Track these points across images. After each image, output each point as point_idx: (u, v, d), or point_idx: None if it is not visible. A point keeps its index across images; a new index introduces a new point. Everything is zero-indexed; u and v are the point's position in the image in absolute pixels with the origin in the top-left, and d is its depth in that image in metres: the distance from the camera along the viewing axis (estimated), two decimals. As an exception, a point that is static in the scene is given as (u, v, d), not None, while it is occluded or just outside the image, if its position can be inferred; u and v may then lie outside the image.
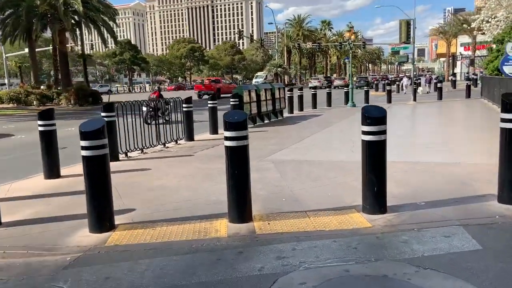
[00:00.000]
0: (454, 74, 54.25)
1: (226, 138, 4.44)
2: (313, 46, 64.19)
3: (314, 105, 20.11)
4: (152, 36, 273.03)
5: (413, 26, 20.60)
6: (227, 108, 13.53)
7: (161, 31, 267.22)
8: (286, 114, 17.19)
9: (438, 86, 23.37)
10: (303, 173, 6.40)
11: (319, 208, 4.67)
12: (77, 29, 26.81)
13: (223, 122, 4.43)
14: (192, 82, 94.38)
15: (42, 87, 29.18)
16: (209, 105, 12.00)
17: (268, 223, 4.26)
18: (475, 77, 37.30)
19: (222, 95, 31.80)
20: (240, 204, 4.40)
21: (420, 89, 27.42)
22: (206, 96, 30.54)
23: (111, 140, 6.91)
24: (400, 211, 4.46)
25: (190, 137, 10.62)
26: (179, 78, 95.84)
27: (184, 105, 10.50)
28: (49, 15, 24.19)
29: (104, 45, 30.11)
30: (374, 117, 4.42)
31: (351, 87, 20.82)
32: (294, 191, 5.42)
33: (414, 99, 21.85)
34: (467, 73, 55.27)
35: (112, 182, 4.39)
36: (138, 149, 8.79)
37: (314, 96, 20.23)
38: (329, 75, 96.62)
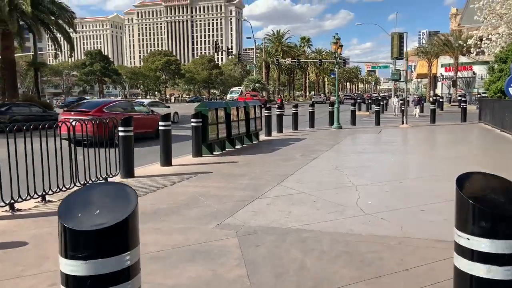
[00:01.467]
0: (436, 95, 53.23)
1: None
2: (292, 62, 62.38)
3: (296, 126, 17.46)
4: (130, 48, 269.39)
5: (405, 41, 18.47)
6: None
7: (139, 44, 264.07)
8: (262, 136, 14.45)
9: (431, 108, 21.21)
10: (291, 270, 3.51)
11: None
12: (31, 34, 23.54)
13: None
14: (169, 96, 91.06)
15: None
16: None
17: None
18: (463, 98, 36.12)
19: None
20: None
21: (416, 111, 24.90)
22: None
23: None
24: None
25: (128, 172, 7.67)
26: (156, 92, 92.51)
27: (121, 128, 7.57)
28: (-8, 16, 20.92)
29: (60, 53, 26.80)
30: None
31: (336, 106, 18.31)
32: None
33: (405, 122, 19.55)
34: (449, 94, 54.36)
35: None
36: (38, 195, 5.80)
37: (295, 116, 17.60)
38: (307, 92, 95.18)
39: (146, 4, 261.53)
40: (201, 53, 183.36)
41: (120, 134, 7.54)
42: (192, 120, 10.14)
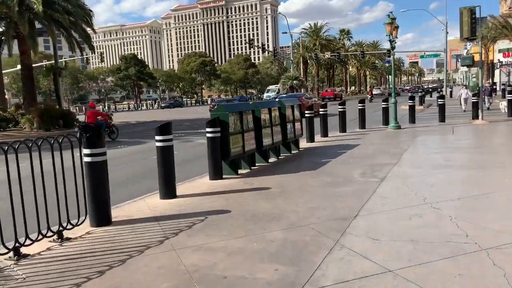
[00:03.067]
0: (494, 83, 47.82)
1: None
2: (332, 56, 58.66)
3: (343, 127, 14.35)
4: (168, 52, 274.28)
5: (479, 16, 14.87)
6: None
7: (177, 48, 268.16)
8: (303, 143, 11.51)
9: (508, 98, 17.35)
10: None
11: None
12: (48, 35, 21.73)
13: None
14: (207, 98, 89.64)
15: (12, 108, 24.40)
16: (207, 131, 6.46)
17: None
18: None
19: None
20: None
21: (503, 104, 17.93)
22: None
23: None
24: None
25: (98, 219, 5.03)
26: (193, 94, 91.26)
27: (85, 151, 4.92)
28: (7, 19, 19.34)
29: (80, 55, 25.09)
30: None
31: (393, 102, 14.99)
32: None
33: (481, 117, 15.85)
34: (510, 83, 48.50)
35: None
36: (53, 232, 3.42)
37: (343, 115, 14.47)
38: (348, 87, 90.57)
39: (182, 7, 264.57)
40: (237, 53, 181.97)
41: (85, 158, 4.90)
42: (208, 129, 7.40)
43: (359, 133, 14.04)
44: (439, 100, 16.84)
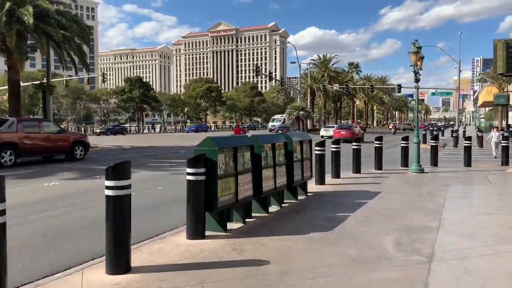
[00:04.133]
0: (509, 126, 46.07)
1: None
2: (340, 88, 57.39)
3: (357, 167, 12.37)
4: (177, 77, 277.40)
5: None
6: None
7: (185, 73, 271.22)
8: (311, 185, 9.55)
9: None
10: None
11: None
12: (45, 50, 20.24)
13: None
14: (211, 123, 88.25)
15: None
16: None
17: None
18: None
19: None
20: None
21: None
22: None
23: None
24: None
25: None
26: (197, 119, 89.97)
27: None
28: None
29: (75, 73, 23.49)
30: None
31: (416, 141, 13.05)
32: None
33: (509, 163, 13.86)
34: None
35: None
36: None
37: (357, 153, 12.52)
38: (354, 120, 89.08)
39: (193, 35, 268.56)
40: (245, 81, 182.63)
41: None
42: (188, 170, 5.46)
43: (376, 175, 12.05)
44: (465, 142, 14.87)
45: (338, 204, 7.83)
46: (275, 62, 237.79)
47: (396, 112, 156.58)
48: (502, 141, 14.98)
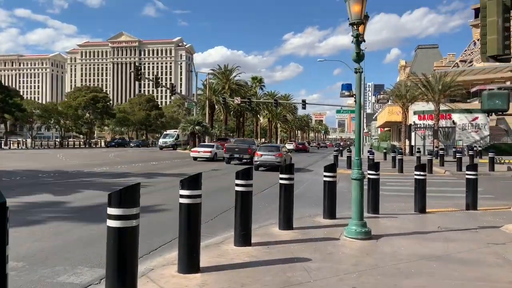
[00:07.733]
0: (412, 147, 44.70)
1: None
2: (243, 103, 51.93)
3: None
4: (72, 88, 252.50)
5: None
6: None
7: (81, 84, 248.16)
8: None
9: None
10: None
11: None
12: None
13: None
14: (96, 139, 76.66)
15: None
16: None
17: None
18: (441, 151, 27.33)
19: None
20: None
21: None
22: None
23: None
24: None
25: None
26: (76, 133, 77.59)
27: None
28: None
29: None
30: None
31: (357, 177, 6.72)
32: None
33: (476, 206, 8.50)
34: (438, 146, 45.26)
35: None
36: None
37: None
38: (259, 139, 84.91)
39: (91, 44, 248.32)
40: (147, 94, 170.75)
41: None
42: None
43: (281, 248, 5.50)
44: (416, 172, 9.05)
45: None
46: (181, 78, 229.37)
47: (299, 131, 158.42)
48: (467, 172, 9.49)
